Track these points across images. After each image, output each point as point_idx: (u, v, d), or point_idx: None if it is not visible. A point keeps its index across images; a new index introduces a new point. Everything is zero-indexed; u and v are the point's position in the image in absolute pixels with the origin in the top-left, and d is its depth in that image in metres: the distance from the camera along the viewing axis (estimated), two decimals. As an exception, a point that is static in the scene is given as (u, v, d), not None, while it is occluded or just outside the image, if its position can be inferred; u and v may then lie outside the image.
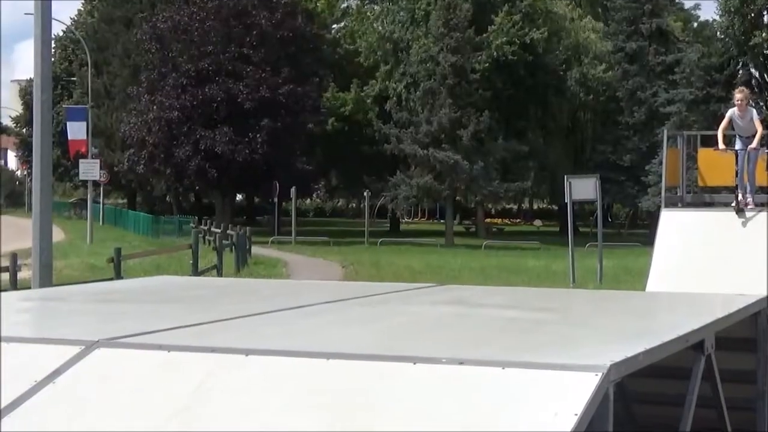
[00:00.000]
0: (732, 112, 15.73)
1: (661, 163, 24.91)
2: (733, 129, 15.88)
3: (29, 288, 15.15)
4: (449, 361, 3.74)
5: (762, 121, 15.75)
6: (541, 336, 4.76)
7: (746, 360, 6.18)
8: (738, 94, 16.18)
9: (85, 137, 53.46)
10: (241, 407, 3.68)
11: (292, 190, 55.61)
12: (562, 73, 69.27)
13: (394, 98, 64.84)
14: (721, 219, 15.48)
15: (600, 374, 3.55)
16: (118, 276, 21.88)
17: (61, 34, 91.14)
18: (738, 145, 15.83)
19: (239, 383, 3.85)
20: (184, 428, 3.63)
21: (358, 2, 76.54)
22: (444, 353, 3.89)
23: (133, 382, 3.95)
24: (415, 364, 3.74)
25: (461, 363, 3.72)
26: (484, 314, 5.69)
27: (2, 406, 3.83)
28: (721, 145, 15.83)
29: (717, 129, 15.93)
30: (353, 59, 70.09)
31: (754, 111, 15.71)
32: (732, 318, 5.58)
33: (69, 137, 54.08)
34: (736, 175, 15.71)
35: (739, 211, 15.28)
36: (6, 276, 19.74)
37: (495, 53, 62.99)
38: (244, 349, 4.05)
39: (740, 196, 15.52)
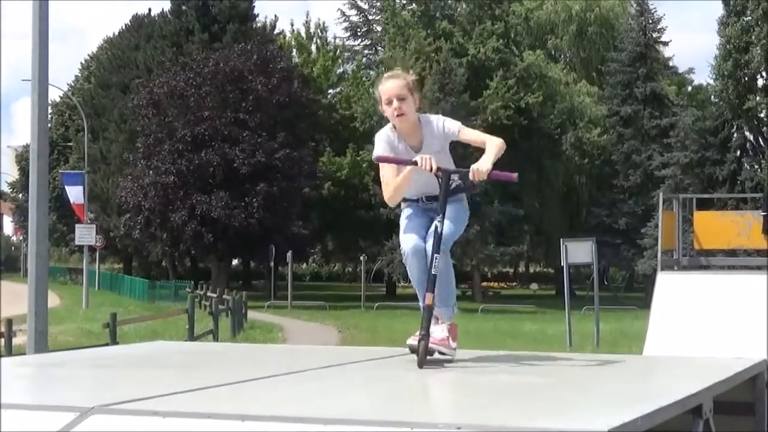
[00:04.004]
0: None
1: (656, 226, 24.94)
2: None
3: (24, 354, 15.07)
4: (446, 427, 3.72)
5: None
6: (539, 401, 4.74)
7: (745, 424, 6.14)
8: None
9: (82, 202, 53.53)
10: (237, 474, 3.66)
11: (288, 254, 55.56)
12: (557, 136, 69.55)
13: (390, 162, 64.94)
14: (718, 282, 15.47)
15: (598, 439, 3.53)
16: (114, 341, 21.80)
17: (57, 99, 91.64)
18: None
19: (235, 450, 3.83)
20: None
21: (354, 68, 76.98)
22: (441, 419, 3.87)
23: (129, 449, 3.92)
24: (412, 429, 3.72)
25: (459, 428, 3.70)
26: (481, 379, 5.67)
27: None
28: None
29: (712, 192, 15.94)
30: (349, 124, 70.32)
31: None
32: (730, 382, 5.56)
33: (72, 201, 54.18)
34: None
35: None
36: (1, 342, 19.66)
37: (490, 117, 63.25)
38: (240, 415, 4.03)
39: None
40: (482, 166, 6.38)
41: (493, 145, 6.51)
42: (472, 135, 6.70)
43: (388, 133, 6.55)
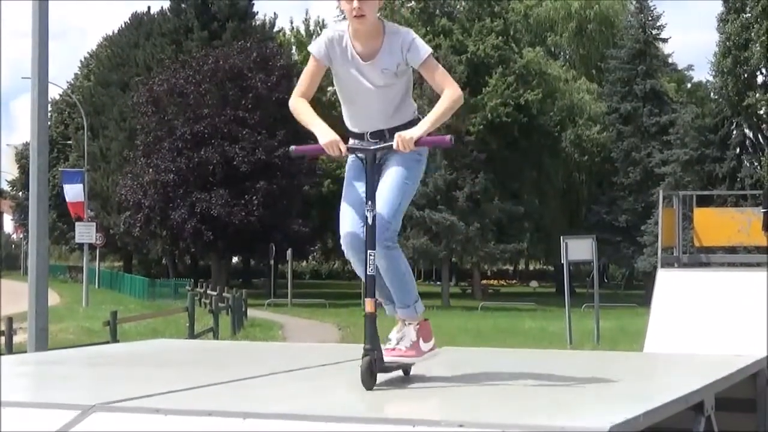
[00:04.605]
0: None
1: (656, 223, 24.97)
2: None
3: (25, 352, 15.07)
4: (448, 424, 3.72)
5: None
6: (540, 398, 4.73)
7: (746, 421, 6.14)
8: None
9: (82, 200, 53.48)
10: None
11: (288, 252, 55.55)
12: (556, 134, 69.54)
13: (390, 160, 64.96)
14: (718, 279, 15.47)
15: (601, 436, 3.53)
16: (114, 339, 21.81)
17: (57, 97, 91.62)
18: None
19: (237, 447, 3.83)
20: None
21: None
22: (443, 416, 3.87)
23: (130, 446, 3.92)
24: (414, 426, 3.72)
25: (461, 426, 3.69)
26: (482, 376, 5.67)
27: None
28: None
29: (712, 189, 15.96)
30: (349, 121, 70.24)
31: None
32: (731, 378, 5.56)
33: (68, 200, 54.09)
34: None
35: None
36: (2, 340, 19.66)
37: (489, 115, 63.25)
38: (241, 413, 4.03)
39: None
40: (407, 134, 5.29)
41: (441, 108, 5.38)
42: (434, 75, 5.46)
43: (339, 31, 5.53)
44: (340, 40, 5.47)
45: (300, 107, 5.60)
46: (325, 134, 5.37)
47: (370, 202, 5.29)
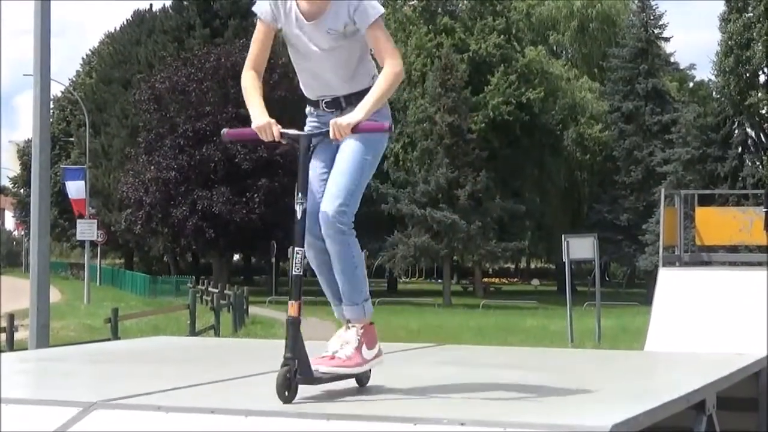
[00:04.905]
0: None
1: (658, 222, 24.98)
2: None
3: (26, 349, 15.08)
4: (450, 422, 3.72)
5: None
6: (541, 397, 4.73)
7: (748, 420, 6.14)
8: None
9: (83, 197, 53.48)
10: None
11: (290, 249, 55.53)
12: (558, 132, 69.56)
13: (392, 158, 65.00)
14: (720, 278, 15.46)
15: (602, 435, 3.53)
16: (115, 337, 21.81)
17: (59, 94, 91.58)
18: None
19: (238, 445, 3.83)
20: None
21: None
22: (445, 414, 3.86)
23: (132, 444, 3.92)
24: (415, 425, 3.72)
25: (462, 424, 3.69)
26: (484, 375, 5.67)
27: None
28: None
29: (714, 188, 15.97)
30: (350, 119, 70.22)
31: None
32: (733, 378, 5.55)
33: (70, 197, 54.10)
34: None
35: None
36: (3, 336, 19.66)
37: (491, 113, 63.28)
38: (243, 410, 4.03)
39: None
40: (344, 120, 4.83)
41: (380, 88, 4.89)
42: (378, 42, 4.94)
43: None
44: None
45: (246, 83, 5.35)
46: (257, 117, 5.09)
47: (300, 195, 4.85)
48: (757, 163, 59.68)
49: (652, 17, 69.28)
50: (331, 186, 4.95)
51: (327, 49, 5.00)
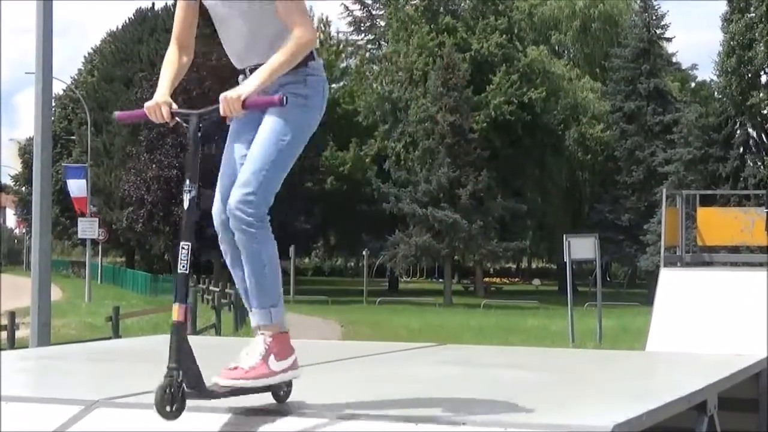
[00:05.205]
0: None
1: (659, 222, 24.97)
2: None
3: (27, 347, 15.07)
4: (450, 423, 3.71)
5: None
6: (543, 397, 4.73)
7: (749, 421, 6.14)
8: None
9: (85, 195, 53.51)
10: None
11: (291, 249, 55.55)
12: (560, 132, 69.55)
13: (393, 157, 65.01)
14: (721, 278, 15.45)
15: (603, 436, 3.53)
16: (116, 335, 21.82)
17: (61, 92, 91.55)
18: None
19: (239, 444, 3.83)
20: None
21: (357, 62, 76.90)
22: (445, 414, 3.86)
23: (133, 442, 3.92)
24: (416, 425, 3.72)
25: (463, 424, 3.69)
26: (485, 375, 5.66)
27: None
28: None
29: (715, 189, 15.96)
30: (352, 118, 70.27)
31: None
32: (734, 378, 5.55)
33: (71, 195, 54.11)
34: None
35: None
36: (4, 334, 19.66)
37: (493, 113, 63.27)
38: (244, 409, 4.02)
39: None
40: (233, 93, 4.35)
41: (282, 56, 4.38)
42: (286, 7, 4.45)
43: None
44: None
45: (165, 58, 4.93)
46: (155, 95, 4.61)
47: (188, 182, 4.48)
48: (759, 163, 59.64)
49: (654, 17, 69.32)
50: (242, 171, 4.53)
51: (242, 13, 4.62)
